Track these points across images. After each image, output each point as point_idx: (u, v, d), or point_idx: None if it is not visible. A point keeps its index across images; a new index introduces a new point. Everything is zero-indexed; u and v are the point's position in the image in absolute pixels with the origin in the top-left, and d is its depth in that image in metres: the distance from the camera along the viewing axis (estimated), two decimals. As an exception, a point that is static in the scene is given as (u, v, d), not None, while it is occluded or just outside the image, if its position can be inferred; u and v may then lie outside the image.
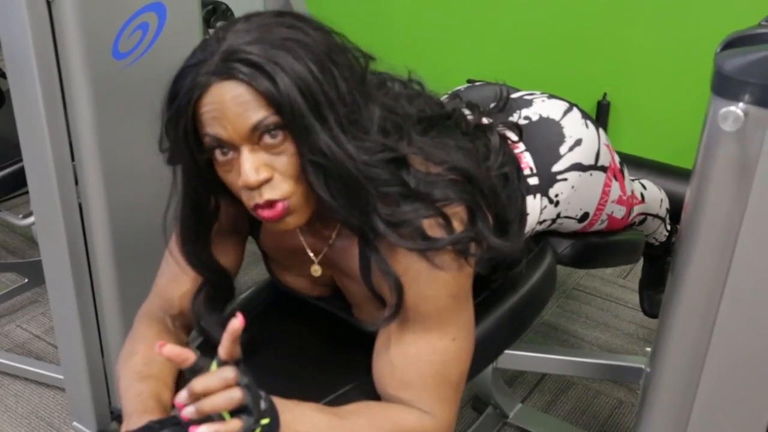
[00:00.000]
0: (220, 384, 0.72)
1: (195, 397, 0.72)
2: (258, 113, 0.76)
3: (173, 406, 0.90)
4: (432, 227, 0.84)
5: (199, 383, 0.71)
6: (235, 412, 0.73)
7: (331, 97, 0.78)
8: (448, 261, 0.85)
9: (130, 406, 0.87)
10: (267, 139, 0.78)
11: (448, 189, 0.85)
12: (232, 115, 0.76)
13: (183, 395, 0.72)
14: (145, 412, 0.85)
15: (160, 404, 0.88)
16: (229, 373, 0.72)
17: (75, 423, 1.61)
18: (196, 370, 0.74)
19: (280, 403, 0.78)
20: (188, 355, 0.73)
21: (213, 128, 0.78)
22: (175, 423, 0.83)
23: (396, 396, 0.89)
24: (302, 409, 0.82)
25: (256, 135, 0.77)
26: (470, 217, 0.87)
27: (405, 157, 0.84)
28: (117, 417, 1.58)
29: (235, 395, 0.72)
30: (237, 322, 0.73)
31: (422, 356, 0.88)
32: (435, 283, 0.86)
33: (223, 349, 0.74)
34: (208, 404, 0.71)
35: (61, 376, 1.65)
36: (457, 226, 0.85)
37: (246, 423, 0.72)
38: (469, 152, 0.94)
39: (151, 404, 0.87)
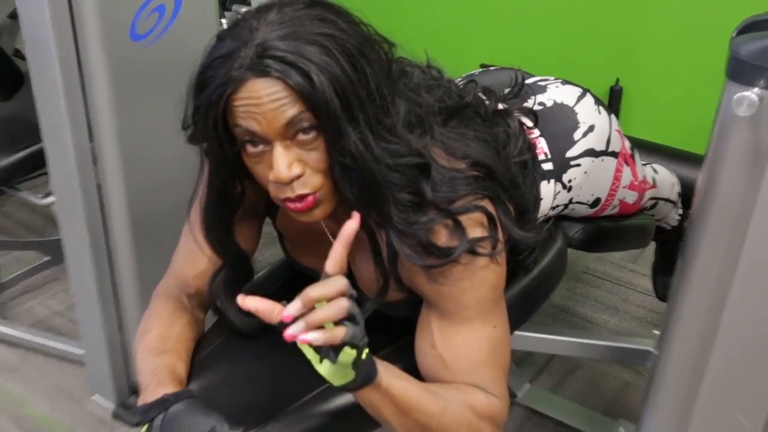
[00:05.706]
0: (334, 292, 0.71)
1: (307, 307, 0.70)
2: (293, 108, 0.77)
3: (188, 382, 0.93)
4: (443, 235, 0.85)
5: (315, 290, 0.70)
6: (338, 323, 0.72)
7: (363, 96, 0.78)
8: (482, 261, 0.86)
9: (146, 380, 0.89)
10: (300, 136, 0.79)
11: (470, 187, 0.86)
12: (267, 110, 0.77)
13: (296, 306, 0.70)
14: (159, 385, 0.87)
15: (175, 377, 0.90)
16: (341, 281, 0.72)
17: (95, 396, 1.65)
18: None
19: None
20: (274, 307, 0.71)
21: (246, 122, 0.78)
22: (189, 396, 0.85)
23: None
24: (392, 368, 0.83)
25: (290, 131, 0.78)
26: (489, 220, 0.87)
27: (428, 164, 0.84)
28: (135, 391, 1.61)
29: (344, 304, 0.71)
30: (354, 223, 0.74)
31: (469, 344, 0.89)
32: (475, 280, 0.87)
33: (333, 262, 0.73)
34: (318, 316, 0.70)
35: (81, 351, 1.68)
36: (477, 230, 0.86)
37: (350, 330, 0.71)
38: (488, 143, 0.95)
39: (166, 377, 0.89)
